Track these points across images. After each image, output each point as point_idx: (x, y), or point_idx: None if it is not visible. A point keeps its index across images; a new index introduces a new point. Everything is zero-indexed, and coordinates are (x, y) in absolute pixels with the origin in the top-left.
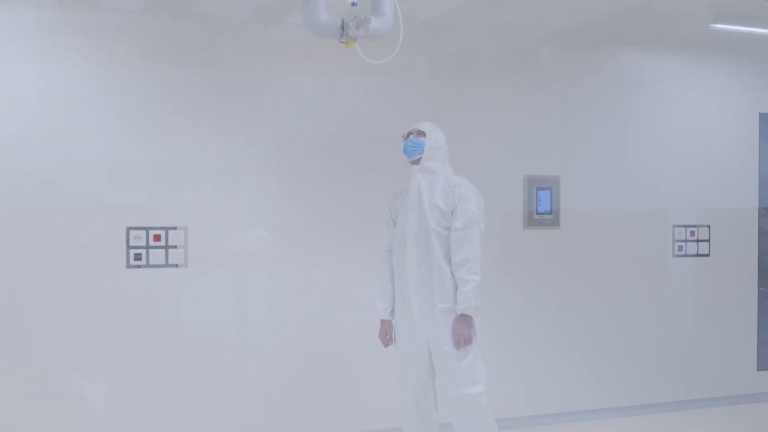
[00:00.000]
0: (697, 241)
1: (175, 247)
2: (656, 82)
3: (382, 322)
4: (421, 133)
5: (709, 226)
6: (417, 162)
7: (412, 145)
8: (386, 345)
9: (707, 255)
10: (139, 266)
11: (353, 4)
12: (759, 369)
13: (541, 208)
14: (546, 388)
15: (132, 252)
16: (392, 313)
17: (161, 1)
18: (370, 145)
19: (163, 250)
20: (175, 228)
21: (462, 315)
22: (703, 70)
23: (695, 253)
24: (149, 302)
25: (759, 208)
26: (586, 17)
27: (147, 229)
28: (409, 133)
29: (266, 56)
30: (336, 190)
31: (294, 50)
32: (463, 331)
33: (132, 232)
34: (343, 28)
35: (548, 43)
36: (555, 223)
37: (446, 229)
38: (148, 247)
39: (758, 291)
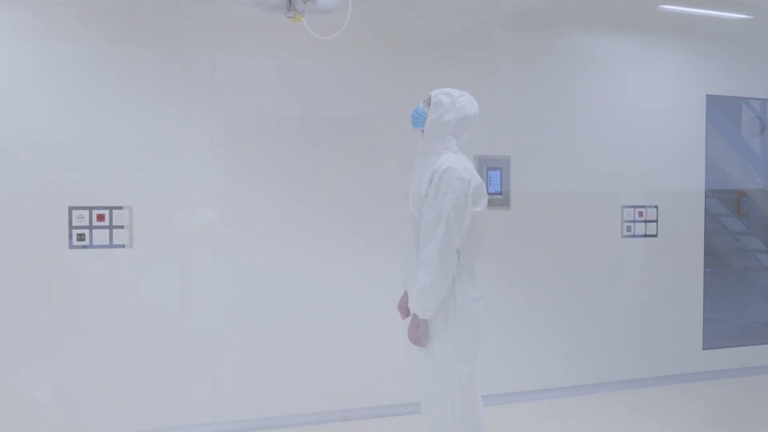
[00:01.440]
0: (645, 221)
1: (121, 227)
2: (605, 63)
3: (405, 292)
4: (428, 103)
5: (656, 207)
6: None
7: (414, 115)
8: (402, 317)
9: (655, 235)
10: (82, 247)
11: None
12: (705, 348)
13: (492, 188)
14: (491, 368)
15: (75, 232)
16: None
17: None
18: (321, 125)
19: (107, 230)
20: (120, 207)
21: (414, 314)
22: (652, 51)
23: (643, 233)
24: (93, 284)
25: (705, 190)
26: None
27: (90, 208)
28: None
29: (217, 34)
30: (287, 169)
31: (245, 29)
32: (410, 329)
33: (75, 212)
34: (290, 2)
35: (499, 24)
36: (505, 203)
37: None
38: (91, 227)
39: (704, 272)
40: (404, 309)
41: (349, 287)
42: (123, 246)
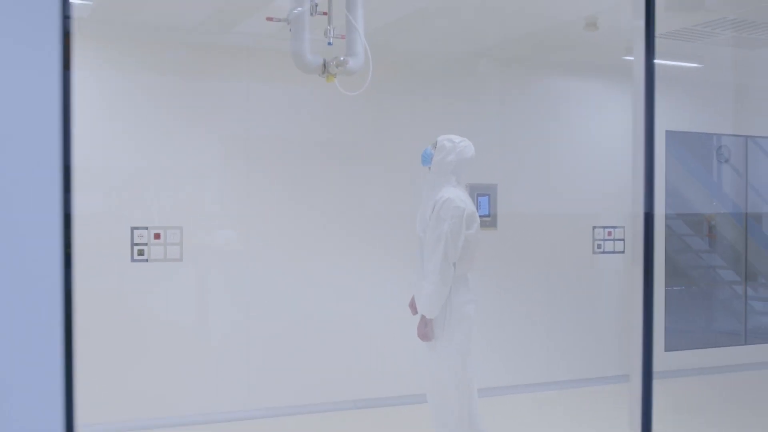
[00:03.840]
0: (614, 240)
1: (177, 244)
2: (579, 102)
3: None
4: (434, 146)
5: (623, 228)
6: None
7: (423, 155)
8: (412, 314)
9: (622, 252)
10: (141, 260)
11: (329, 43)
12: (666, 350)
13: (481, 212)
14: (480, 365)
15: (135, 248)
16: None
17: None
18: (323, 147)
19: (162, 247)
20: (172, 227)
21: (422, 315)
22: (618, 93)
23: (612, 250)
24: (151, 291)
25: (666, 213)
26: (516, 42)
27: (148, 228)
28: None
29: (252, 66)
30: (309, 189)
31: (262, 62)
32: (419, 328)
33: (135, 231)
34: (324, 66)
35: (484, 61)
36: (493, 224)
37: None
38: (149, 243)
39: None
40: (414, 308)
41: (356, 290)
42: (176, 260)
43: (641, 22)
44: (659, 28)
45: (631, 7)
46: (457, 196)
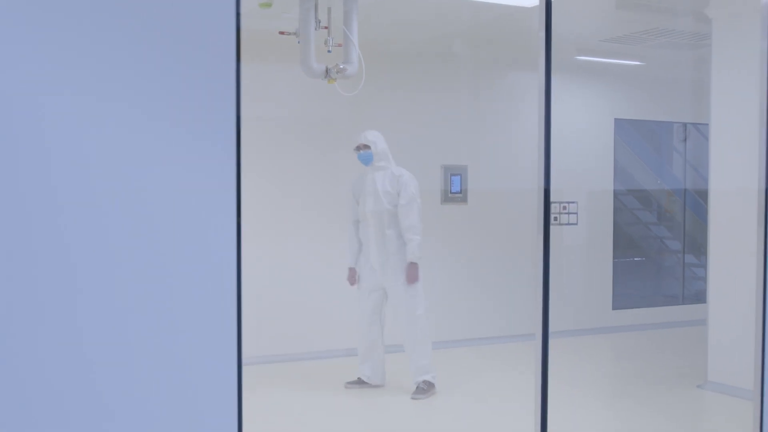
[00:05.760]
0: (568, 213)
1: None
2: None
3: (350, 269)
4: (367, 147)
5: (576, 202)
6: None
7: (364, 157)
8: (352, 284)
9: (576, 224)
10: None
11: (329, 51)
12: (614, 308)
13: (454, 189)
14: (452, 321)
15: None
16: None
17: None
18: (310, 132)
19: None
20: None
21: (411, 262)
22: (573, 87)
23: (567, 222)
24: None
25: (614, 190)
26: (484, 43)
27: None
28: (358, 148)
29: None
30: (288, 170)
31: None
32: (411, 273)
33: None
34: (327, 71)
35: (458, 59)
36: (464, 200)
37: (394, 206)
38: None
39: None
40: (353, 280)
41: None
42: None
43: (543, 33)
44: (607, 33)
45: (537, 18)
46: (404, 170)
